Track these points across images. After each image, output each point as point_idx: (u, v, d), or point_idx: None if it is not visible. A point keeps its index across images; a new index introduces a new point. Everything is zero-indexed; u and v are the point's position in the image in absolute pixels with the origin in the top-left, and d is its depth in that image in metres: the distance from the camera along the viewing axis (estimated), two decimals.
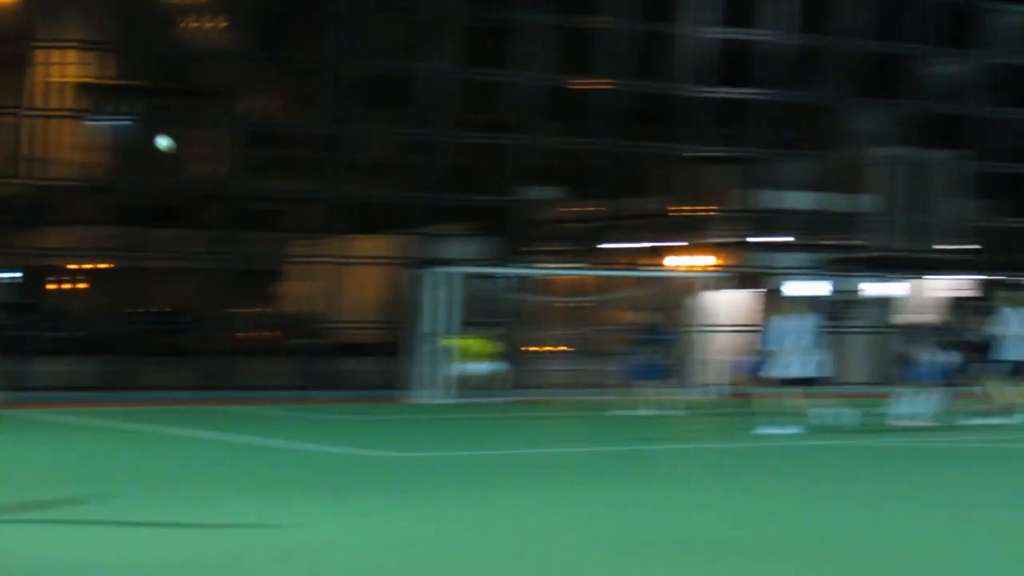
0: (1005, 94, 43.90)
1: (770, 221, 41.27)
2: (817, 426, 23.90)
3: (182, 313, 50.17)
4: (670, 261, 42.06)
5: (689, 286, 38.72)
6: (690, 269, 40.80)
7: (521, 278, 40.45)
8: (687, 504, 15.14)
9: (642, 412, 28.60)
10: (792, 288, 40.88)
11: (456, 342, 33.66)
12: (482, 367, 33.91)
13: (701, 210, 41.53)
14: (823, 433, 23.52)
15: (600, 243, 40.19)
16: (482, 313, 37.84)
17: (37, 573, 10.82)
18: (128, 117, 36.87)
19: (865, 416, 26.61)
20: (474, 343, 33.99)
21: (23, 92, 33.90)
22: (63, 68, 49.26)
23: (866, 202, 42.93)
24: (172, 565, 11.08)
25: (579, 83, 40.87)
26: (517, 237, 39.32)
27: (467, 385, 33.47)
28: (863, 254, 43.71)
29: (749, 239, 42.43)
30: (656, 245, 44.76)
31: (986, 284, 43.17)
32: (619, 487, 16.78)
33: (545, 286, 44.40)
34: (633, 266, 44.24)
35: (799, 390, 24.32)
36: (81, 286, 47.43)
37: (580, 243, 43.01)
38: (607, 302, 39.24)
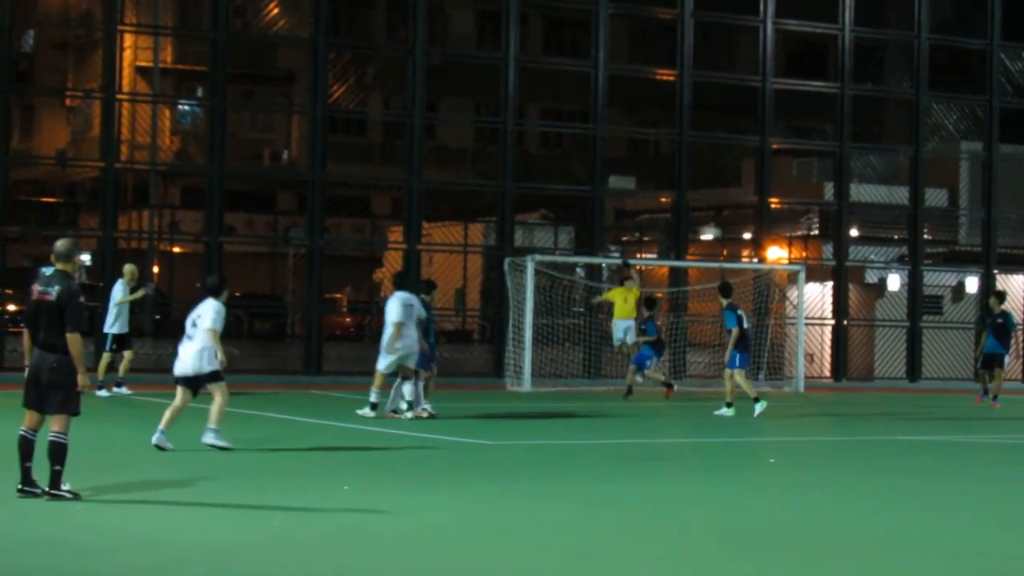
0: None
1: (844, 214, 41.47)
2: None
3: (270, 298, 51.12)
4: (748, 253, 42.23)
5: (775, 278, 38.76)
6: (770, 261, 40.75)
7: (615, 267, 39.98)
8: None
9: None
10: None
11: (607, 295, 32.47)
12: (628, 325, 31.28)
13: (777, 202, 41.65)
14: None
15: (679, 234, 40.45)
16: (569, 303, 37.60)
17: (147, 552, 11.47)
18: (208, 102, 37.52)
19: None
20: (618, 292, 31.64)
21: (106, 76, 34.56)
22: (145, 52, 50.38)
23: (940, 196, 43.09)
24: (252, 544, 11.78)
25: (652, 73, 40.85)
26: (597, 226, 39.48)
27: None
28: (941, 249, 43.84)
29: (825, 232, 42.60)
30: (734, 237, 44.96)
31: None
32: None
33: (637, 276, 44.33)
34: (715, 257, 44.40)
35: None
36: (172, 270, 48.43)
37: (659, 233, 43.32)
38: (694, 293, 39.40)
